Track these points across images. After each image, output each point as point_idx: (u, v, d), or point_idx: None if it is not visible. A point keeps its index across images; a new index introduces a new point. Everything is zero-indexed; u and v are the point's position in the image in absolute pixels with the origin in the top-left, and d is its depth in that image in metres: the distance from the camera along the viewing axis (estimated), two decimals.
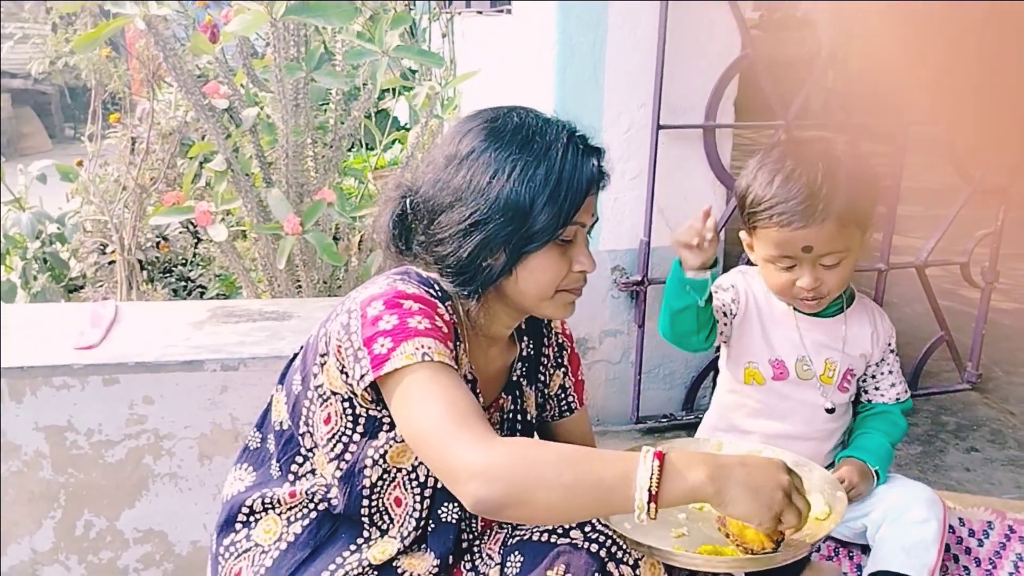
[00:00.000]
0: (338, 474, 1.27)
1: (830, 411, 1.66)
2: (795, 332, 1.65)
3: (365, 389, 1.18)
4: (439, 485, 1.28)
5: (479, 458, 1.05)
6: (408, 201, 1.28)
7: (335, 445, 1.26)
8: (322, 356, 1.25)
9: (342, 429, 1.26)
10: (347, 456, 1.26)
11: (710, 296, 1.57)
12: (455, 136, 1.25)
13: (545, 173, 1.19)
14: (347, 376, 1.21)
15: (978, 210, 2.72)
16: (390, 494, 1.28)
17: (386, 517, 1.29)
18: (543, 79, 2.32)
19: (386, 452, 1.25)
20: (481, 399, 1.33)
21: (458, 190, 1.21)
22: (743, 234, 1.63)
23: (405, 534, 1.29)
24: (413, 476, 1.28)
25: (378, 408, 1.24)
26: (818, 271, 1.54)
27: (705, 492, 1.06)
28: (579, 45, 2.24)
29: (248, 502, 1.33)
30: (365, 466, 1.25)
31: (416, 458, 1.27)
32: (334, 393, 1.24)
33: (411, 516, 1.29)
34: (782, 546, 1.21)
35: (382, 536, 1.30)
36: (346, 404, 1.24)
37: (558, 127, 1.24)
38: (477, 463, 1.04)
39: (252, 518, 1.34)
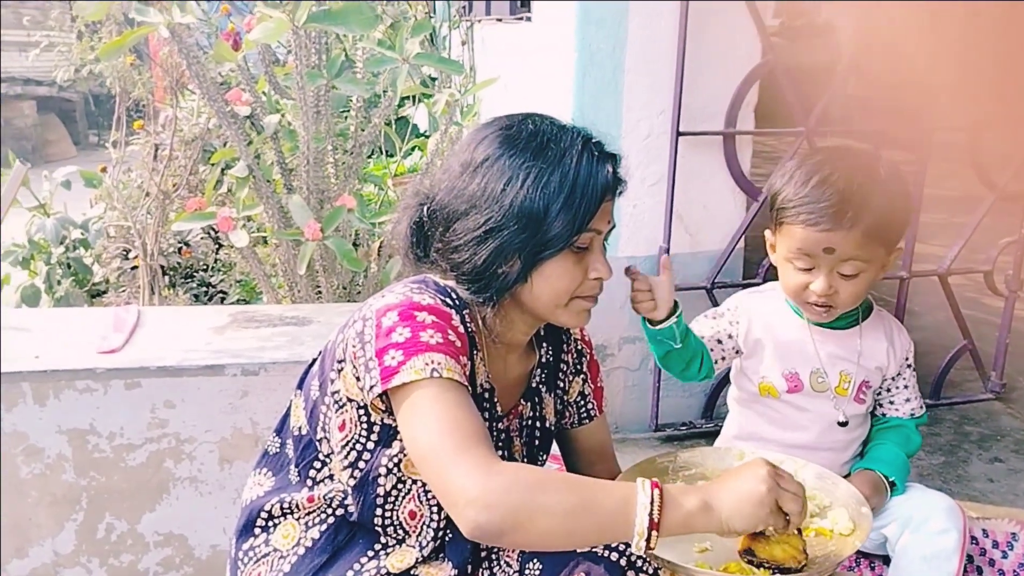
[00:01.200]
0: (352, 482, 1.27)
1: (843, 424, 1.65)
2: (810, 345, 1.65)
3: (376, 399, 1.18)
4: None
5: (477, 484, 1.04)
6: (425, 209, 1.28)
7: (349, 452, 1.26)
8: (339, 363, 1.25)
9: (356, 436, 1.26)
10: (361, 464, 1.26)
11: (686, 335, 1.60)
12: (470, 143, 1.26)
13: (559, 180, 1.19)
14: (360, 384, 1.22)
15: (1001, 218, 2.69)
16: (404, 507, 1.28)
17: (400, 531, 1.29)
18: (562, 85, 2.32)
19: (400, 461, 1.25)
20: (499, 407, 1.33)
21: (473, 197, 1.21)
22: (768, 233, 1.63)
23: (423, 544, 1.29)
24: (429, 487, 1.27)
25: (391, 417, 1.23)
26: (834, 278, 1.53)
27: (702, 520, 1.07)
28: (598, 51, 2.24)
29: (267, 507, 1.33)
30: (379, 474, 1.25)
31: None
32: (350, 400, 1.25)
33: (428, 527, 1.28)
34: (808, 563, 1.20)
35: (399, 545, 1.30)
36: (361, 411, 1.24)
37: (573, 134, 1.24)
38: (474, 489, 1.03)
39: (271, 523, 1.34)
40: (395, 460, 1.24)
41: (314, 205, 2.42)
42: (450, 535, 1.30)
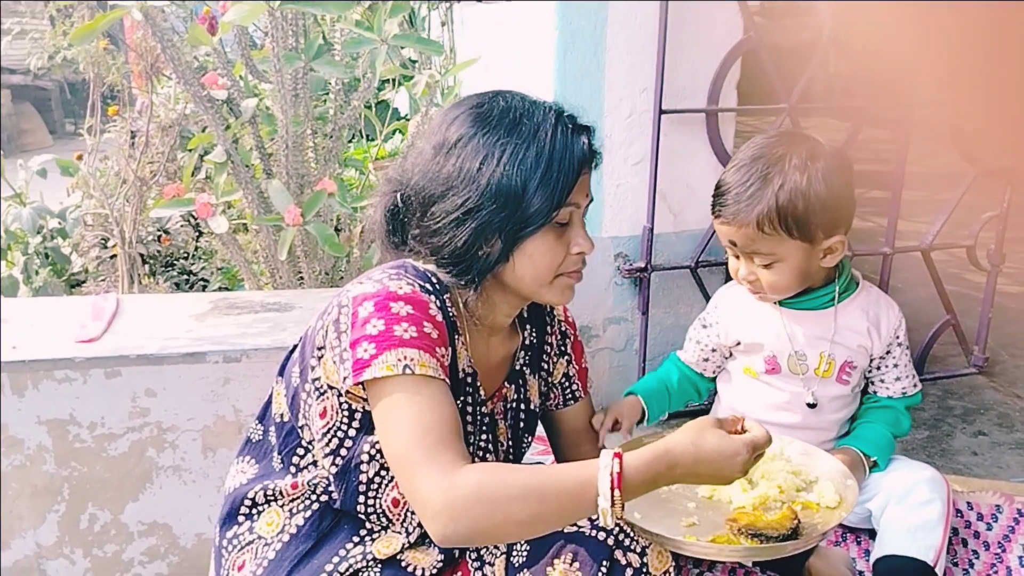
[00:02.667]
0: (334, 469, 1.26)
1: (811, 405, 1.65)
2: (782, 328, 1.65)
3: (354, 387, 1.18)
4: None
5: (441, 498, 1.05)
6: (399, 195, 1.27)
7: (331, 439, 1.25)
8: (319, 349, 1.24)
9: (338, 424, 1.24)
10: (343, 451, 1.25)
11: (666, 404, 1.75)
12: (442, 124, 1.24)
13: (535, 155, 1.18)
14: (337, 373, 1.21)
15: (983, 193, 2.69)
16: (387, 495, 1.27)
17: (384, 518, 1.28)
18: (543, 65, 2.30)
19: (382, 448, 1.24)
20: (483, 390, 1.32)
21: (449, 179, 1.20)
22: None
23: (410, 530, 1.28)
24: None
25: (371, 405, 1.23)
26: (752, 265, 1.57)
27: (666, 476, 1.13)
28: (579, 29, 2.22)
29: (250, 494, 1.32)
30: (362, 461, 1.24)
31: None
32: (330, 387, 1.23)
33: (412, 514, 1.27)
34: (795, 531, 1.20)
35: (385, 531, 1.29)
36: (342, 399, 1.23)
37: (545, 108, 1.23)
38: (439, 503, 1.05)
39: (254, 510, 1.33)
40: (377, 447, 1.23)
41: (294, 190, 2.39)
42: None
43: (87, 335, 1.78)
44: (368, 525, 1.29)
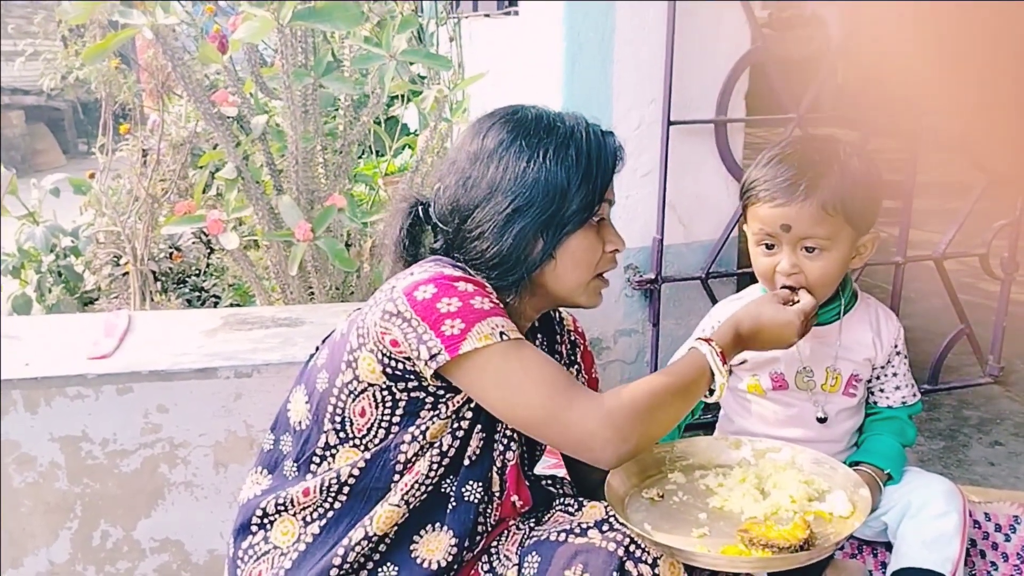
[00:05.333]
0: (367, 455, 1.26)
1: (822, 420, 1.64)
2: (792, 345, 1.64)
3: (438, 368, 1.19)
4: (465, 462, 1.28)
5: (608, 424, 1.15)
6: (420, 210, 1.30)
7: (376, 433, 1.26)
8: (352, 352, 1.25)
9: (380, 418, 1.26)
10: (386, 440, 1.26)
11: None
12: (476, 135, 1.28)
13: (576, 153, 1.24)
14: (407, 362, 1.20)
15: (996, 201, 2.68)
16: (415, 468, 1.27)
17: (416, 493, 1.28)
18: (551, 77, 2.31)
19: (427, 429, 1.25)
20: None
21: (492, 182, 1.23)
22: (745, 225, 1.62)
23: (410, 500, 1.26)
24: (438, 449, 1.27)
25: (435, 389, 1.23)
26: (797, 256, 1.50)
27: (743, 346, 1.35)
28: (587, 41, 2.23)
29: (262, 504, 1.32)
30: (403, 441, 1.25)
31: (450, 432, 1.26)
32: (371, 385, 1.24)
33: (420, 484, 1.27)
34: (807, 542, 1.19)
35: (380, 505, 1.27)
36: (385, 393, 1.24)
37: (570, 114, 1.30)
38: (608, 429, 1.15)
39: (267, 520, 1.33)
40: (422, 429, 1.25)
41: (304, 205, 2.40)
42: (453, 504, 1.29)
43: (99, 352, 1.78)
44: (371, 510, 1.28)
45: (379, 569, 1.27)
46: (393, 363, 1.22)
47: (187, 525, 1.80)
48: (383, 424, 1.26)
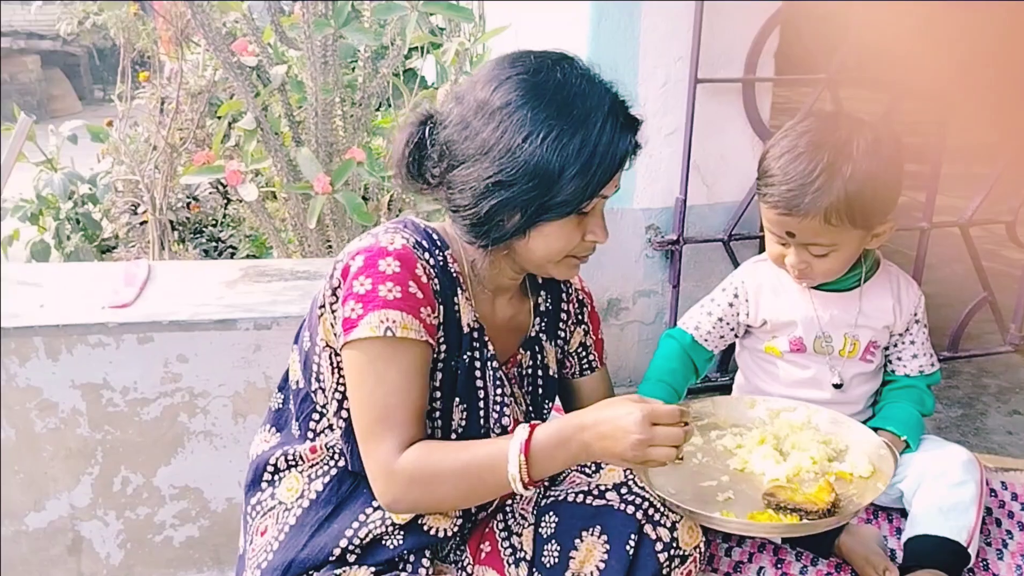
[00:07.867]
0: (338, 432, 1.27)
1: (838, 386, 1.65)
2: (811, 310, 1.64)
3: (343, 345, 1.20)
4: (452, 436, 1.27)
5: (385, 480, 1.16)
6: (427, 129, 1.23)
7: (342, 399, 1.25)
8: (320, 308, 1.25)
9: (337, 381, 1.25)
10: (343, 413, 1.25)
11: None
12: (492, 81, 1.19)
13: (580, 143, 1.15)
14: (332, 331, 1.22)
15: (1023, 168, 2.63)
16: None
17: None
18: (576, 32, 2.26)
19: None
20: (491, 348, 1.30)
21: (484, 144, 1.16)
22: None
23: None
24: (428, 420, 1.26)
25: None
26: (805, 255, 1.55)
27: (572, 461, 1.15)
28: None
29: (272, 460, 1.33)
30: None
31: (430, 404, 1.25)
32: (328, 346, 1.24)
33: None
34: (834, 507, 1.20)
35: None
36: (338, 358, 1.24)
37: (601, 91, 1.19)
38: (383, 484, 1.16)
39: (276, 476, 1.34)
40: None
41: (323, 158, 2.38)
42: None
43: (119, 301, 1.79)
44: None
45: (384, 539, 1.27)
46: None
47: (206, 473, 1.82)
48: (339, 389, 1.25)
